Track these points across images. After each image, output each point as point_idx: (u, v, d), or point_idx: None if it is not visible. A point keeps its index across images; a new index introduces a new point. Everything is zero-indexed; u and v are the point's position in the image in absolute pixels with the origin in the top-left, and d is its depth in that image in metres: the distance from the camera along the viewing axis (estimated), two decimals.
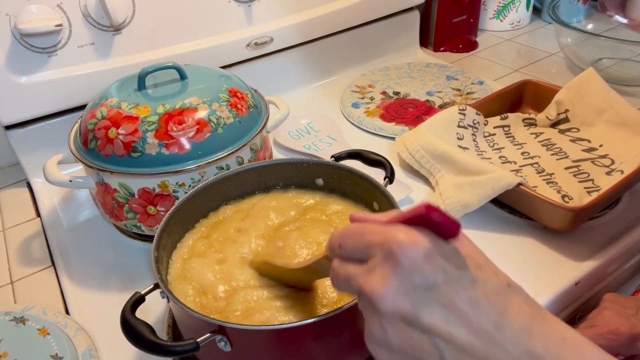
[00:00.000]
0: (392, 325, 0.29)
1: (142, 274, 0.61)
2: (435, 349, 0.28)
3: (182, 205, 0.53)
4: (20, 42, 0.68)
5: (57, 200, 0.74)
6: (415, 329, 0.28)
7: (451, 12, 1.08)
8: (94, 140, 0.57)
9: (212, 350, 0.41)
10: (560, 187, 0.65)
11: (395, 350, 0.29)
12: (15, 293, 0.60)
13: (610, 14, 1.08)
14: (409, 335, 0.29)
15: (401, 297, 0.28)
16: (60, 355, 0.49)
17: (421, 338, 0.28)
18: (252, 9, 0.83)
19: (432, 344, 0.28)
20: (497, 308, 0.28)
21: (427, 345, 0.28)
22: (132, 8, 0.73)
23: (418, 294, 0.28)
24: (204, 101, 0.58)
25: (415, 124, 0.78)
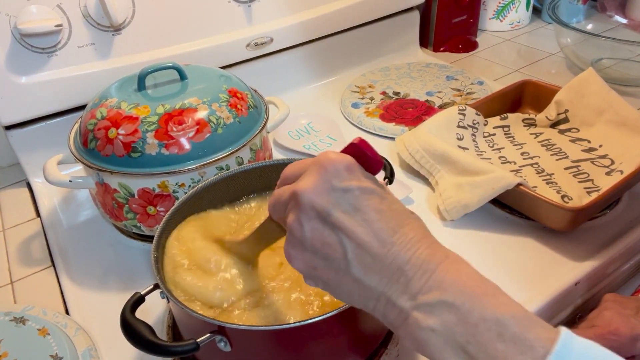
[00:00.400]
0: (308, 220, 0.33)
1: (142, 274, 0.61)
2: (339, 245, 0.33)
3: (182, 206, 0.53)
4: (20, 42, 0.68)
5: (57, 200, 0.74)
6: (327, 225, 0.33)
7: (451, 12, 1.08)
8: (94, 140, 0.57)
9: (212, 350, 0.42)
10: (560, 187, 0.65)
11: (307, 247, 0.34)
12: (15, 293, 0.60)
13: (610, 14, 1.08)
14: (321, 232, 0.33)
15: (320, 194, 0.33)
16: (60, 355, 0.49)
17: (330, 234, 0.33)
18: (252, 9, 0.83)
19: (338, 240, 0.33)
20: (397, 220, 0.33)
21: (334, 241, 0.33)
22: (132, 8, 0.73)
23: (335, 194, 0.33)
24: (204, 101, 0.58)
25: (415, 124, 0.78)
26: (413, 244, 0.32)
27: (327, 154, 0.34)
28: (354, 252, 0.32)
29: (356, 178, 0.33)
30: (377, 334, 0.49)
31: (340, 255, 0.33)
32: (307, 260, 0.34)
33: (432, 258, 0.32)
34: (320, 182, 0.33)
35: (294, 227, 0.34)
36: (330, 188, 0.33)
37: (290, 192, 0.35)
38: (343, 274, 0.33)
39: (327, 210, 0.33)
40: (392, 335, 0.51)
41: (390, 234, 0.32)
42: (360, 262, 0.32)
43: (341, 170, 0.33)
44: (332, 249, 0.33)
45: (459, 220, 0.63)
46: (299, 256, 0.35)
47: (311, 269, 0.34)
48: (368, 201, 0.33)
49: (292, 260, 0.35)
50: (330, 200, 0.33)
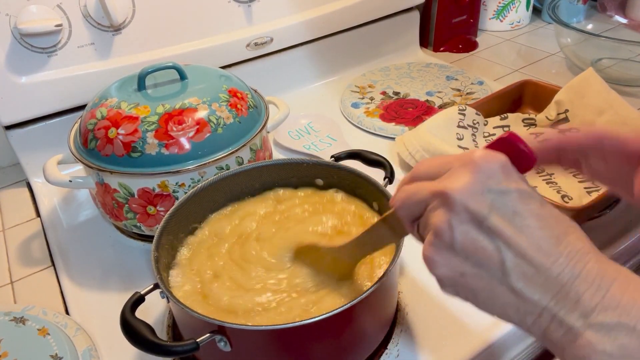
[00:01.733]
0: (461, 223, 0.30)
1: (142, 274, 0.61)
2: (496, 252, 0.30)
3: (182, 206, 0.53)
4: (20, 42, 0.68)
5: (57, 200, 0.74)
6: (482, 230, 0.30)
7: (451, 12, 1.08)
8: (94, 140, 0.57)
9: (212, 350, 0.42)
10: (560, 187, 0.65)
11: (457, 251, 0.31)
12: (15, 293, 0.60)
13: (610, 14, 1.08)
14: (475, 237, 0.30)
15: (476, 196, 0.30)
16: (60, 355, 0.49)
17: (485, 240, 0.30)
18: (252, 9, 0.83)
19: (495, 247, 0.30)
20: (561, 228, 0.30)
21: (490, 248, 0.30)
22: (132, 8, 0.73)
23: (492, 196, 0.30)
24: (204, 101, 0.58)
25: (415, 124, 0.78)
26: (582, 256, 0.29)
27: (477, 151, 0.31)
28: (513, 261, 0.29)
29: (513, 179, 0.30)
30: (378, 333, 0.49)
31: (497, 263, 0.30)
32: (455, 265, 0.31)
33: (606, 273, 0.29)
34: (474, 182, 0.30)
35: (441, 229, 0.31)
36: (486, 189, 0.30)
37: (434, 190, 0.32)
38: (498, 284, 0.30)
39: (484, 214, 0.30)
40: (392, 335, 0.51)
41: (555, 243, 0.29)
42: (521, 272, 0.29)
43: (497, 170, 0.30)
44: (487, 256, 0.30)
45: None
46: (443, 261, 0.31)
47: (458, 275, 0.31)
48: (528, 205, 0.30)
49: (435, 265, 0.32)
50: (486, 203, 0.30)
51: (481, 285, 0.31)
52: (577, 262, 0.29)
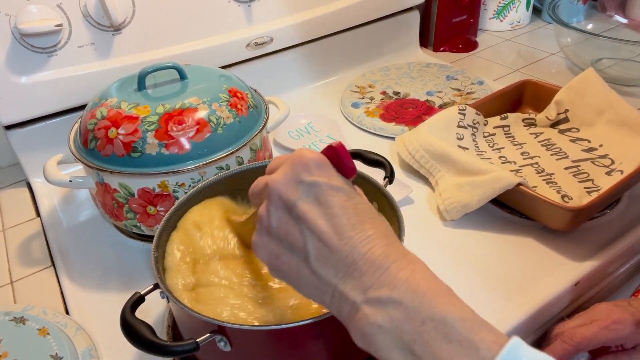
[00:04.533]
0: (276, 209, 0.35)
1: (142, 274, 0.61)
2: (301, 235, 0.34)
3: (181, 206, 0.53)
4: (20, 42, 0.68)
5: (57, 200, 0.74)
6: (291, 216, 0.34)
7: (451, 12, 1.08)
8: (94, 140, 0.57)
9: (212, 350, 0.42)
10: (560, 187, 0.65)
11: (274, 235, 0.36)
12: (15, 293, 0.60)
13: (610, 14, 1.08)
14: (285, 221, 0.35)
15: (288, 186, 0.35)
16: (60, 355, 0.49)
17: (293, 224, 0.34)
18: (252, 9, 0.83)
19: (300, 230, 0.34)
20: (359, 217, 0.34)
21: (296, 232, 0.34)
22: (132, 8, 0.73)
23: (302, 187, 0.34)
24: (204, 101, 0.58)
25: (415, 124, 0.78)
26: (370, 240, 0.33)
27: (301, 150, 0.36)
28: (313, 243, 0.34)
29: (326, 175, 0.35)
30: None
31: (301, 245, 0.34)
32: (272, 249, 0.36)
33: (388, 256, 0.32)
34: (289, 174, 0.35)
35: (262, 215, 0.36)
36: (298, 181, 0.34)
37: (264, 182, 0.37)
38: (303, 265, 0.34)
39: (293, 201, 0.34)
40: None
41: (350, 228, 0.33)
42: (319, 253, 0.33)
43: (311, 165, 0.35)
44: (295, 239, 0.34)
45: (459, 220, 0.63)
46: (264, 245, 0.36)
47: (274, 257, 0.36)
48: (333, 197, 0.34)
49: (258, 249, 0.37)
50: (296, 192, 0.34)
51: (292, 266, 0.35)
52: (365, 245, 0.33)
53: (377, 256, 0.32)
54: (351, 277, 0.32)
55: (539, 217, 0.60)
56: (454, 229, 0.63)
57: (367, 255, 0.32)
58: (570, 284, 0.55)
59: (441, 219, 0.64)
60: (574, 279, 0.55)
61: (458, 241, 0.61)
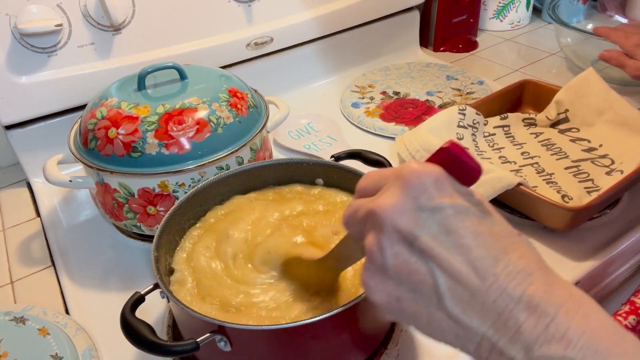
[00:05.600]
0: (392, 245, 0.28)
1: (142, 274, 0.61)
2: (429, 275, 0.28)
3: (181, 206, 0.53)
4: (20, 42, 0.68)
5: (57, 200, 0.74)
6: (414, 251, 0.28)
7: (451, 12, 1.08)
8: (94, 140, 0.57)
9: (212, 350, 0.42)
10: (560, 187, 0.65)
11: (390, 275, 0.29)
12: (15, 293, 0.60)
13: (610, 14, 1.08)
14: (407, 258, 0.28)
15: (405, 214, 0.28)
16: (60, 355, 0.49)
17: (417, 261, 0.28)
18: (252, 9, 0.83)
19: (428, 269, 0.28)
20: (500, 246, 0.27)
21: (422, 270, 0.28)
22: (132, 8, 0.73)
23: (422, 214, 0.28)
24: (204, 101, 0.58)
25: (415, 124, 0.78)
26: (524, 278, 0.26)
27: (411, 164, 0.29)
28: (447, 284, 0.27)
29: (448, 194, 0.28)
30: (378, 334, 0.49)
31: (431, 287, 0.28)
32: (390, 290, 0.29)
33: (551, 297, 0.26)
34: (403, 199, 0.28)
35: (373, 251, 0.29)
36: (416, 207, 0.28)
37: (368, 209, 0.30)
38: (435, 309, 0.28)
39: (414, 234, 0.28)
40: (392, 335, 0.51)
41: (492, 263, 0.27)
42: (456, 297, 0.27)
43: (429, 184, 0.28)
44: (420, 279, 0.28)
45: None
46: (379, 286, 0.29)
47: (394, 300, 0.29)
48: (463, 222, 0.28)
49: (371, 291, 0.30)
50: (417, 222, 0.28)
51: (419, 310, 0.29)
52: (518, 284, 0.26)
53: (537, 299, 0.26)
54: (505, 328, 0.26)
55: (539, 217, 0.60)
56: None
57: (524, 299, 0.26)
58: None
59: None
60: (574, 279, 0.55)
61: None
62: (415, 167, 0.28)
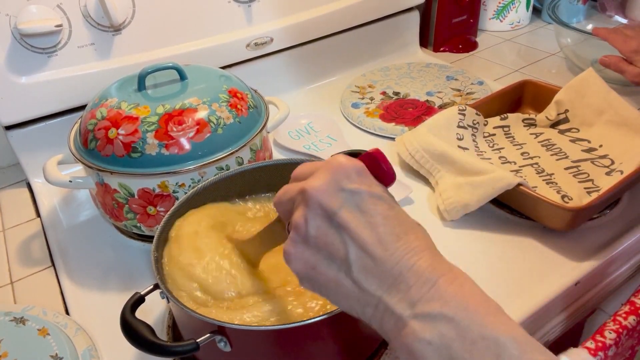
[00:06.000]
0: (315, 217, 0.33)
1: (142, 274, 0.61)
2: (343, 245, 0.33)
3: (181, 206, 0.53)
4: (20, 42, 0.68)
5: (57, 201, 0.74)
6: (332, 224, 0.33)
7: (451, 12, 1.08)
8: (94, 140, 0.57)
9: (212, 350, 0.42)
10: (560, 187, 0.65)
11: (311, 244, 0.34)
12: (15, 293, 0.60)
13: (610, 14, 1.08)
14: (325, 230, 0.33)
15: (329, 193, 0.33)
16: (60, 356, 0.49)
17: (334, 233, 0.33)
18: (252, 9, 0.83)
19: (342, 240, 0.33)
20: (403, 228, 0.33)
21: (337, 240, 0.33)
22: (132, 8, 0.73)
23: (343, 194, 0.33)
24: (204, 101, 0.58)
25: (415, 124, 0.78)
26: (416, 252, 0.32)
27: (338, 156, 0.34)
28: (356, 253, 0.32)
29: (366, 183, 0.33)
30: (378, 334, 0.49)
31: (343, 255, 0.32)
32: (308, 258, 0.34)
33: (435, 269, 0.31)
34: (330, 181, 0.33)
35: (299, 223, 0.34)
36: (339, 188, 0.33)
37: (298, 188, 0.35)
38: (343, 276, 0.33)
39: (334, 210, 0.32)
40: None
41: (394, 239, 0.32)
42: (362, 264, 0.32)
43: (352, 173, 0.33)
44: (335, 249, 0.33)
45: (459, 220, 0.63)
46: (299, 255, 0.34)
47: (310, 268, 0.34)
48: (376, 205, 0.33)
49: (291, 259, 0.35)
50: (338, 200, 0.33)
51: (330, 277, 0.33)
52: (411, 257, 0.31)
53: (424, 269, 0.31)
54: (397, 290, 0.31)
55: (539, 217, 0.60)
56: (454, 229, 0.63)
57: (414, 268, 0.31)
58: (570, 284, 0.55)
59: (441, 219, 0.64)
60: (574, 279, 0.55)
61: (458, 241, 0.61)
62: (343, 159, 0.34)
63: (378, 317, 0.32)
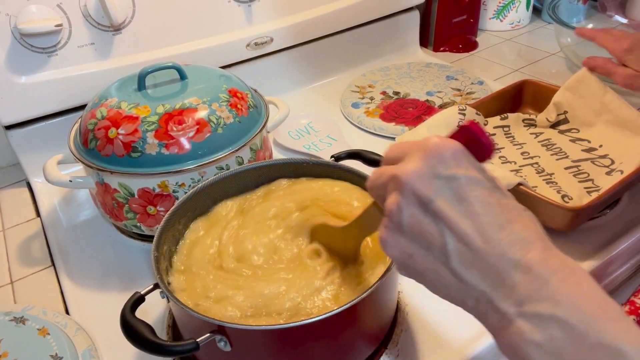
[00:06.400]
0: (409, 205, 0.31)
1: (142, 274, 0.61)
2: (439, 235, 0.30)
3: (181, 206, 0.53)
4: (20, 42, 0.68)
5: (57, 200, 0.74)
6: (428, 213, 0.31)
7: (451, 12, 1.08)
8: (94, 140, 0.57)
9: (212, 350, 0.42)
10: (560, 187, 0.65)
11: (405, 232, 0.32)
12: (15, 293, 0.60)
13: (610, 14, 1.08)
14: (421, 219, 0.31)
15: (423, 180, 0.31)
16: (60, 355, 0.49)
17: (430, 222, 0.31)
18: (252, 9, 0.83)
19: (438, 230, 0.30)
20: (506, 216, 0.30)
21: (433, 230, 0.31)
22: (132, 8, 0.73)
23: (438, 181, 0.30)
24: (204, 101, 0.58)
25: (415, 124, 0.78)
26: (524, 245, 0.29)
27: (432, 138, 0.32)
28: (454, 244, 0.30)
29: (463, 166, 0.31)
30: (377, 333, 0.49)
31: (440, 245, 0.30)
32: (403, 246, 0.32)
33: (547, 263, 0.28)
34: (423, 166, 0.31)
35: (392, 210, 0.32)
36: (433, 174, 0.31)
37: (390, 173, 0.33)
38: (441, 266, 0.31)
39: (429, 197, 0.30)
40: (392, 335, 0.51)
41: (497, 229, 0.29)
42: (461, 256, 0.30)
43: (447, 156, 0.31)
44: (432, 238, 0.31)
45: None
46: (394, 242, 0.32)
47: (407, 256, 0.32)
48: (475, 192, 0.30)
49: (387, 246, 0.33)
50: (432, 187, 0.30)
51: (427, 266, 0.31)
52: (518, 250, 0.29)
53: (534, 263, 0.28)
54: (502, 285, 0.29)
55: (539, 217, 0.59)
56: None
57: (522, 263, 0.28)
58: None
59: None
60: None
61: None
62: (436, 140, 0.31)
63: (481, 310, 0.30)
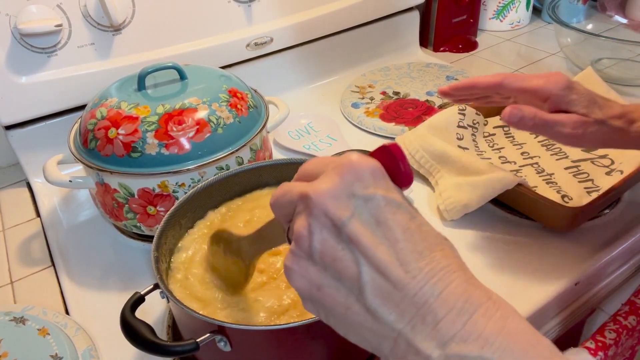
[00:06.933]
0: (320, 229, 0.27)
1: (142, 274, 0.61)
2: (354, 264, 0.27)
3: (181, 206, 0.53)
4: (20, 42, 0.68)
5: (57, 200, 0.74)
6: (341, 238, 0.27)
7: (451, 12, 1.08)
8: (94, 140, 0.57)
9: (212, 350, 0.42)
10: (560, 187, 0.65)
11: (316, 260, 0.28)
12: (15, 293, 0.60)
13: (610, 14, 1.08)
14: (333, 245, 0.27)
15: (337, 200, 0.27)
16: (60, 355, 0.49)
17: (344, 249, 0.27)
18: (252, 9, 0.83)
19: (353, 258, 0.27)
20: (427, 243, 0.27)
21: (347, 258, 0.27)
22: (132, 8, 0.73)
23: (355, 202, 0.27)
24: (204, 101, 0.58)
25: (415, 124, 0.78)
26: (445, 275, 0.26)
27: (351, 155, 0.28)
28: (370, 274, 0.26)
29: (382, 186, 0.28)
30: None
31: (353, 276, 0.27)
32: (312, 277, 0.28)
33: (470, 297, 0.26)
34: (338, 185, 0.27)
35: (301, 234, 0.28)
36: (350, 194, 0.27)
37: (301, 191, 0.29)
38: (354, 301, 0.27)
39: (343, 220, 0.27)
40: None
41: (417, 257, 0.26)
42: (377, 288, 0.26)
43: (365, 174, 0.27)
44: (344, 268, 0.27)
45: (459, 220, 0.63)
46: (301, 271, 0.28)
47: (315, 289, 0.28)
48: (394, 215, 0.27)
49: (292, 276, 0.29)
50: (348, 208, 0.27)
51: (338, 300, 0.28)
52: (439, 280, 0.26)
53: (456, 297, 0.25)
54: (422, 323, 0.25)
55: (539, 217, 0.60)
56: (454, 229, 0.63)
57: (444, 295, 0.25)
58: (570, 284, 0.55)
59: (441, 219, 0.64)
60: (574, 279, 0.55)
61: (458, 241, 0.61)
62: (355, 157, 0.28)
63: (399, 355, 0.27)
